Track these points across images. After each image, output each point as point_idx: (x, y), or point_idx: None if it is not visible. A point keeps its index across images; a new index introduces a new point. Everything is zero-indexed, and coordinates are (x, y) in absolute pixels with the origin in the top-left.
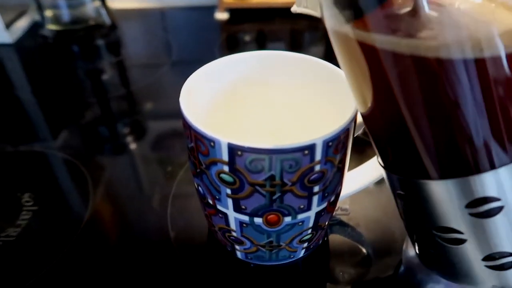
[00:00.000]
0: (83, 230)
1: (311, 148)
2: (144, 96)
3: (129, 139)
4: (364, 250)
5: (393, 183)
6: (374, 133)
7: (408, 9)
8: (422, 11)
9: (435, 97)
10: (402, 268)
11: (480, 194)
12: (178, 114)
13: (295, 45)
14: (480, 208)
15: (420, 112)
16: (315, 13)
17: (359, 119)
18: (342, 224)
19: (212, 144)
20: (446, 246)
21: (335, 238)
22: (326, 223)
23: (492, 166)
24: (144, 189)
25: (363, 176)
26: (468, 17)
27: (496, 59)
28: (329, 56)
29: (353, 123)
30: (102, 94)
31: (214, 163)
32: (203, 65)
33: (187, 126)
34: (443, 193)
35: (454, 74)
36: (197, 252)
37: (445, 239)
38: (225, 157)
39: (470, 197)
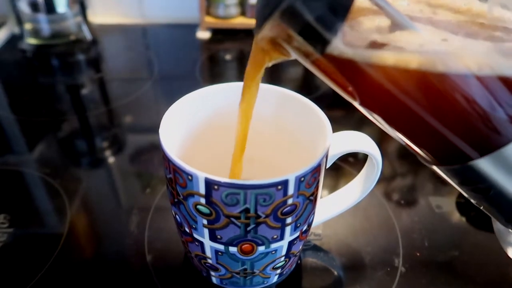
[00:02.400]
0: (59, 252)
1: (284, 183)
2: (124, 112)
3: (107, 153)
4: (336, 274)
5: (457, 179)
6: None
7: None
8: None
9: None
10: None
11: None
12: (158, 129)
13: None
14: None
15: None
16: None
17: (331, 152)
18: (315, 249)
19: (189, 177)
20: None
21: (308, 263)
22: (299, 249)
23: None
24: (123, 205)
25: (336, 204)
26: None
27: None
28: (308, 79)
29: (324, 158)
30: (82, 110)
31: (191, 195)
32: (184, 82)
33: (166, 158)
34: (499, 167)
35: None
36: (173, 276)
37: None
38: (202, 190)
39: None
